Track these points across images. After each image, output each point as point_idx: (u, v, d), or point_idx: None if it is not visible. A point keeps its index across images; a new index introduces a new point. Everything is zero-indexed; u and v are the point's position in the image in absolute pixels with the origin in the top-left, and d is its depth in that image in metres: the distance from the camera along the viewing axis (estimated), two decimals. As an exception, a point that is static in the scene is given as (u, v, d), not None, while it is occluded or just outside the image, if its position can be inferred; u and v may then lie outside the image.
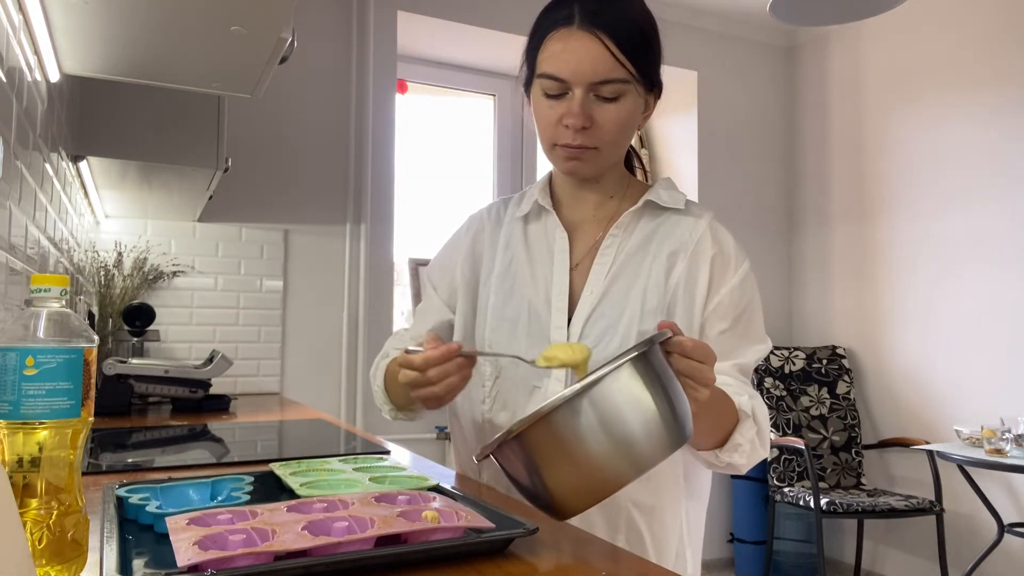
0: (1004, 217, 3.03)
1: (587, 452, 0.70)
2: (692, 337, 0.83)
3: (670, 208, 1.08)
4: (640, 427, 0.72)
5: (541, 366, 0.87)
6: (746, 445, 0.96)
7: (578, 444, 0.70)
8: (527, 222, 1.13)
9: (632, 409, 0.72)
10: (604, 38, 0.95)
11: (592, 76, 0.96)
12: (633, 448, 0.71)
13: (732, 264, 1.05)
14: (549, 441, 0.71)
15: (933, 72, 3.31)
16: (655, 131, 3.91)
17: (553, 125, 1.00)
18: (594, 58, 0.95)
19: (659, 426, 0.72)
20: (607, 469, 0.71)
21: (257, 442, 1.57)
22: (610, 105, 0.98)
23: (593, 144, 1.00)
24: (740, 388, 0.99)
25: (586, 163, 1.02)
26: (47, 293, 0.61)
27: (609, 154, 1.03)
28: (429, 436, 3.05)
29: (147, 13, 1.14)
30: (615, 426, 0.71)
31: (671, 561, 1.03)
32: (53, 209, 1.58)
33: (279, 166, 2.88)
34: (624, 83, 0.97)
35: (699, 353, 0.79)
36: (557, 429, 0.70)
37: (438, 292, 1.19)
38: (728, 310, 1.03)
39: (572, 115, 0.97)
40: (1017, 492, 2.95)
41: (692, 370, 0.79)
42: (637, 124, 1.04)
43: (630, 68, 0.97)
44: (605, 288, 1.04)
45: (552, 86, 0.99)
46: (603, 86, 0.97)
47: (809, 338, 3.82)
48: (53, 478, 0.60)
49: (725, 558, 3.61)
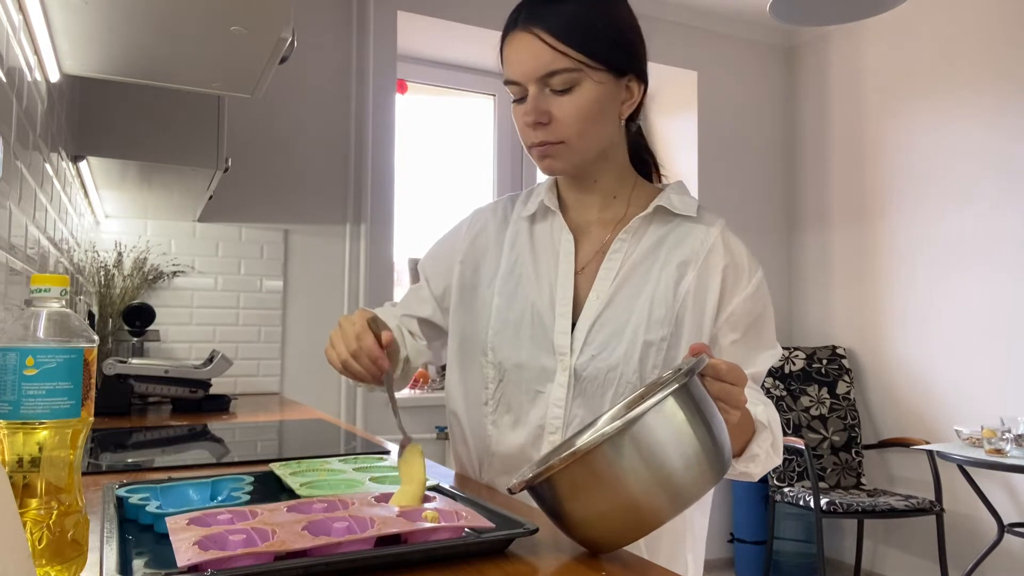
0: (1004, 217, 3.03)
1: (627, 490, 0.68)
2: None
3: (681, 215, 1.06)
4: (681, 461, 0.69)
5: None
6: (762, 455, 0.96)
7: (617, 481, 0.68)
8: (533, 222, 1.12)
9: (674, 443, 0.69)
10: (540, 32, 0.97)
11: (535, 71, 0.97)
12: (674, 484, 0.69)
13: (745, 275, 1.04)
14: (587, 478, 0.68)
15: (933, 72, 3.31)
16: (655, 131, 3.91)
17: (523, 128, 1.02)
18: (533, 54, 0.97)
19: (701, 459, 0.70)
20: (646, 507, 0.68)
21: (257, 442, 1.57)
22: (564, 96, 0.98)
23: (557, 138, 0.99)
24: (755, 398, 0.99)
25: (557, 159, 1.02)
26: (47, 293, 0.60)
27: (579, 146, 1.01)
28: (429, 436, 3.05)
29: (147, 13, 1.14)
30: (657, 462, 0.68)
31: (672, 565, 1.03)
32: (53, 209, 1.58)
33: (279, 166, 2.88)
34: (572, 72, 0.97)
35: (732, 376, 0.79)
36: (597, 467, 0.67)
37: (430, 286, 1.18)
38: (740, 320, 1.03)
39: (526, 112, 0.99)
40: (1017, 492, 2.95)
41: (726, 393, 0.78)
42: (612, 112, 1.02)
43: (575, 55, 0.96)
44: (611, 294, 1.03)
45: (514, 90, 1.01)
46: (550, 79, 0.97)
47: (809, 338, 3.82)
48: (53, 478, 0.59)
49: (725, 558, 3.61)
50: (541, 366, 1.03)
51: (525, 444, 1.03)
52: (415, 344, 1.15)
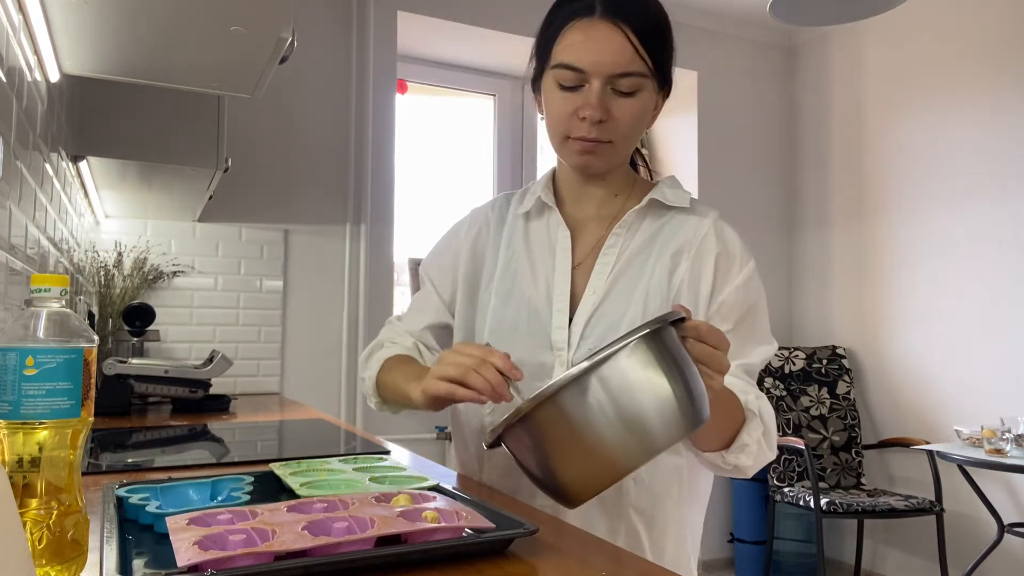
0: (1004, 217, 3.03)
1: (596, 432, 0.68)
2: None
3: (675, 207, 1.07)
4: (653, 407, 0.69)
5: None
6: (753, 445, 0.94)
7: (587, 424, 0.68)
8: (528, 219, 1.12)
9: (644, 388, 0.69)
10: (626, 29, 0.94)
11: (612, 68, 0.95)
12: (645, 428, 0.68)
13: (736, 263, 1.04)
14: (557, 421, 0.68)
15: (933, 72, 3.31)
16: (655, 131, 3.90)
17: (567, 117, 0.99)
18: (615, 49, 0.94)
19: (673, 407, 0.69)
20: (617, 450, 0.68)
21: (257, 442, 1.57)
22: (627, 99, 0.97)
23: (608, 138, 0.99)
24: (746, 388, 0.98)
25: (599, 157, 1.01)
26: (47, 293, 0.60)
27: (622, 149, 1.02)
28: (429, 436, 3.05)
29: (147, 13, 1.14)
30: (626, 405, 0.68)
31: (670, 564, 1.03)
32: (53, 209, 1.58)
33: (279, 166, 2.88)
34: (642, 77, 0.96)
35: (713, 338, 0.78)
36: (565, 408, 0.68)
37: (439, 292, 1.17)
38: (732, 310, 1.02)
39: (590, 107, 0.96)
40: (1017, 492, 2.95)
41: (707, 356, 0.77)
42: (649, 121, 1.04)
43: (648, 62, 0.96)
44: (607, 288, 1.03)
45: (569, 77, 0.97)
46: (622, 79, 0.95)
47: (809, 338, 3.82)
48: (53, 478, 0.59)
49: (725, 558, 3.61)
50: (539, 362, 1.02)
51: None
52: (432, 359, 1.14)
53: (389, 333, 1.19)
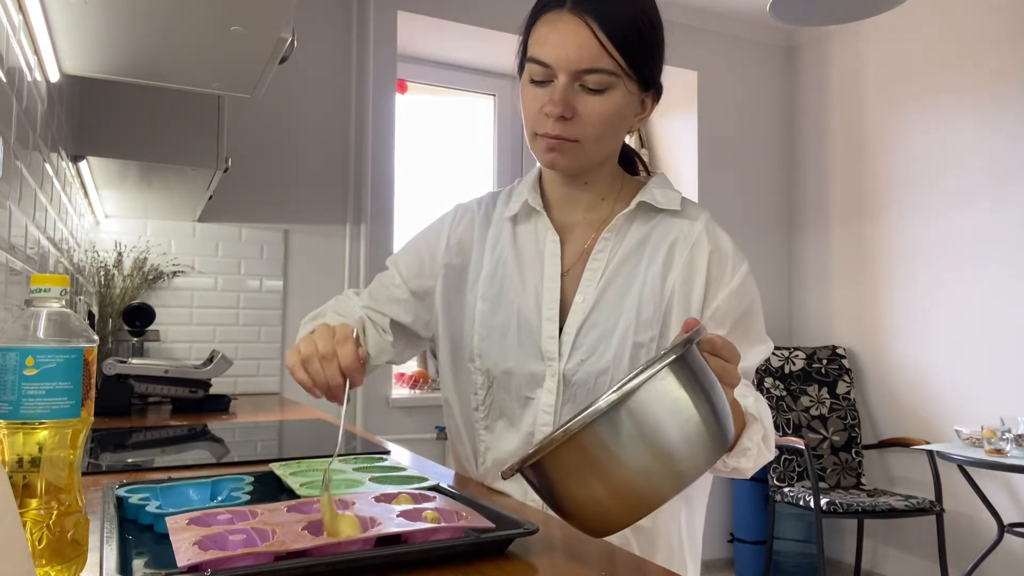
0: (1004, 217, 3.03)
1: (624, 469, 0.63)
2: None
3: (665, 209, 1.03)
4: (680, 436, 0.64)
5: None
6: (753, 449, 0.93)
7: (613, 461, 0.63)
8: (516, 223, 1.08)
9: (672, 418, 0.64)
10: (592, 24, 0.90)
11: (576, 63, 0.91)
12: (674, 460, 0.64)
13: (729, 267, 1.01)
14: (581, 459, 0.63)
15: (933, 72, 3.31)
16: (655, 131, 3.91)
17: (535, 113, 0.96)
18: (579, 44, 0.91)
19: (702, 433, 0.65)
20: (645, 486, 0.64)
21: (257, 442, 1.57)
22: (595, 97, 0.93)
23: (573, 136, 0.95)
24: (744, 391, 0.96)
25: (565, 156, 0.97)
26: (47, 293, 0.60)
27: (591, 150, 0.97)
28: (429, 436, 3.05)
29: (147, 13, 1.14)
30: (655, 438, 0.63)
31: (670, 565, 1.02)
32: (53, 209, 1.58)
33: (279, 166, 2.88)
34: (611, 75, 0.92)
35: (727, 351, 0.76)
36: (590, 445, 0.62)
37: (408, 284, 1.11)
38: (726, 315, 1.00)
39: (552, 103, 0.93)
40: (1017, 492, 2.95)
41: (721, 369, 0.74)
42: (628, 124, 1.00)
43: (619, 60, 0.92)
44: (597, 296, 1.00)
45: (537, 71, 0.95)
46: (588, 75, 0.92)
47: (809, 338, 3.82)
48: (53, 478, 0.59)
49: (725, 558, 3.61)
50: (530, 372, 1.00)
51: (518, 449, 1.02)
52: (380, 340, 1.10)
53: (337, 305, 1.14)
